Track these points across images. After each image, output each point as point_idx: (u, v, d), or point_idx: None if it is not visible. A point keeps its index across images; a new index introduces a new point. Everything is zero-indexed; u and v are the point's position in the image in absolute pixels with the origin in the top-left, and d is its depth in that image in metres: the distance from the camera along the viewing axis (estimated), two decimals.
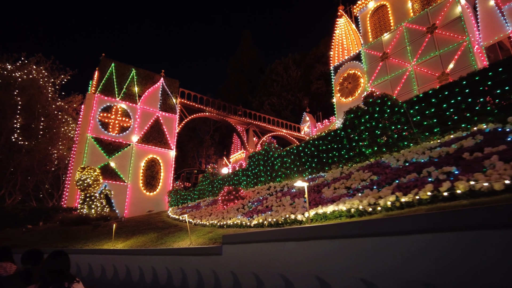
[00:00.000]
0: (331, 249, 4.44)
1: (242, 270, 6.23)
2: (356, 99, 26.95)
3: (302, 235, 4.95)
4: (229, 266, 6.60)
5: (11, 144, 22.30)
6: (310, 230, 4.94)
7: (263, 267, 5.69)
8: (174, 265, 8.46)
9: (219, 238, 9.06)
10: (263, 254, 5.77)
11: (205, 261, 7.39)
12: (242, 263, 6.29)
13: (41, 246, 14.77)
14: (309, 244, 4.81)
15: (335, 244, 4.40)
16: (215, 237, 9.39)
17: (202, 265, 7.48)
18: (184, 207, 19.39)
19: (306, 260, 4.85)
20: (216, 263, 7.00)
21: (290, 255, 5.15)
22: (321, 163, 13.34)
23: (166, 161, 29.49)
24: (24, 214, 20.74)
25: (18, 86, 22.42)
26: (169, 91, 31.46)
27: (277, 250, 5.46)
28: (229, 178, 19.21)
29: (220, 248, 6.92)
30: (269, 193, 13.14)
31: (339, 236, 4.42)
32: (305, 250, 4.88)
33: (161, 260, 9.00)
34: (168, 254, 8.87)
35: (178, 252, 8.52)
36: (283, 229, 5.54)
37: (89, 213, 19.39)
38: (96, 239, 14.48)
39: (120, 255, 10.67)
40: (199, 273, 7.49)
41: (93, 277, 11.37)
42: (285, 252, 5.24)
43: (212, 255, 7.17)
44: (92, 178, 19.66)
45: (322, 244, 4.59)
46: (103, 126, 26.71)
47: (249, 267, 6.05)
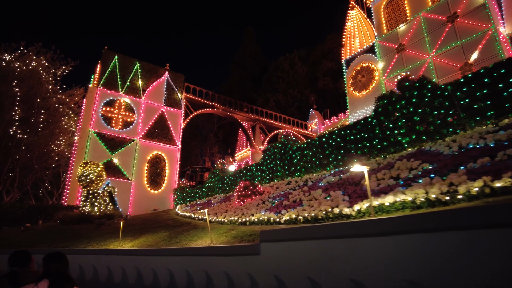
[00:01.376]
0: (438, 246, 3.26)
1: (291, 274, 5.04)
2: (370, 93, 25.78)
3: (386, 228, 3.76)
4: (271, 269, 5.42)
5: (9, 138, 21.05)
6: (403, 220, 3.75)
7: (323, 270, 4.51)
8: (196, 267, 7.27)
9: (246, 236, 7.89)
10: (322, 253, 4.58)
11: (236, 262, 6.20)
12: (290, 265, 5.10)
13: (40, 246, 13.59)
14: (400, 240, 3.62)
15: (445, 239, 3.21)
16: (240, 235, 8.21)
17: (232, 267, 6.29)
18: (193, 205, 18.19)
19: (396, 262, 3.66)
20: (252, 265, 5.81)
21: (366, 254, 3.96)
22: (349, 155, 12.14)
23: (171, 158, 28.28)
24: (22, 212, 19.50)
25: (17, 77, 21.17)
26: (174, 86, 30.27)
27: (344, 249, 4.28)
28: (241, 173, 18.02)
29: (257, 247, 5.73)
30: (291, 187, 11.96)
31: (448, 228, 3.23)
32: (393, 248, 3.69)
33: (179, 261, 7.81)
34: (188, 254, 7.67)
35: (200, 252, 7.33)
36: (354, 222, 4.35)
37: (92, 211, 18.18)
38: (100, 239, 13.28)
39: (130, 255, 9.47)
40: (229, 276, 6.29)
41: (98, 280, 10.16)
42: (359, 251, 4.05)
43: (246, 255, 5.98)
44: (95, 173, 18.45)
45: (421, 239, 3.41)
46: (105, 120, 25.51)
47: (301, 270, 4.86)
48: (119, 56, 27.92)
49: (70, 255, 10.29)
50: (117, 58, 27.74)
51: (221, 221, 11.18)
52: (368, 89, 26.15)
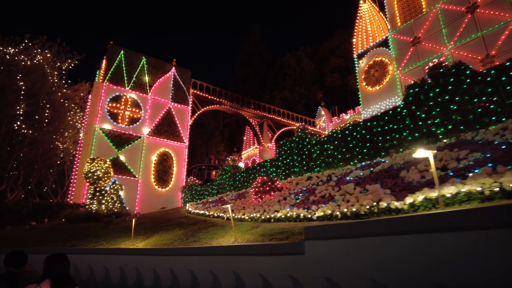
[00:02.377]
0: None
1: (348, 276, 4.28)
2: (384, 88, 25.01)
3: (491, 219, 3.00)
4: (320, 270, 4.66)
5: (13, 133, 20.37)
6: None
7: (393, 271, 3.75)
8: (223, 267, 6.53)
9: (276, 234, 7.14)
10: (391, 252, 3.81)
11: (274, 262, 5.45)
12: (346, 266, 4.36)
13: (46, 245, 12.91)
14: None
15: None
16: (268, 233, 7.46)
17: (268, 267, 5.53)
18: (204, 202, 17.45)
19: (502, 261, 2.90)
20: (295, 266, 5.06)
21: (459, 252, 3.20)
22: (376, 148, 11.37)
23: (179, 155, 27.57)
24: (27, 210, 18.83)
25: (21, 71, 20.50)
26: (181, 81, 29.56)
27: (423, 246, 3.52)
28: (255, 170, 17.26)
29: (301, 245, 4.97)
30: (313, 183, 11.19)
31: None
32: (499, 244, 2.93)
33: (203, 261, 7.07)
34: (213, 254, 6.93)
35: (228, 251, 6.58)
36: (439, 213, 3.56)
37: (99, 209, 17.48)
38: (109, 238, 12.57)
39: (145, 255, 8.73)
40: (264, 278, 5.54)
41: (110, 282, 9.44)
42: (447, 248, 3.29)
43: (286, 255, 5.23)
44: (103, 170, 17.75)
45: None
46: (112, 116, 24.82)
47: (362, 272, 4.10)
48: (125, 51, 27.23)
49: (79, 255, 9.56)
50: (123, 53, 27.06)
51: (240, 218, 10.44)
52: (381, 83, 25.35)
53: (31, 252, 12.56)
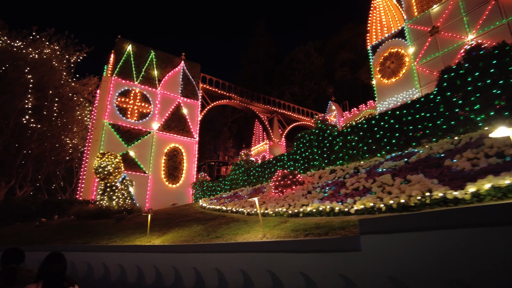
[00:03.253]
0: None
1: (422, 275, 3.60)
2: (400, 80, 24.14)
3: None
4: (381, 269, 3.98)
5: (22, 128, 19.91)
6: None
7: (484, 269, 3.06)
8: (255, 266, 5.89)
9: (311, 229, 6.47)
10: (484, 246, 3.13)
11: (320, 260, 4.78)
12: (416, 264, 3.67)
13: (56, 242, 12.40)
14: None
15: None
16: (301, 228, 6.80)
17: (313, 266, 4.87)
18: (218, 198, 16.83)
19: None
20: (347, 264, 4.39)
21: None
22: (406, 138, 10.63)
23: (189, 151, 26.99)
24: (36, 207, 18.37)
25: (28, 64, 20.00)
26: (190, 76, 28.94)
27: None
28: (270, 164, 16.60)
29: (356, 241, 4.29)
30: (340, 176, 10.50)
31: None
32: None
33: (231, 259, 6.43)
34: (243, 250, 6.29)
35: (261, 248, 5.93)
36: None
37: (110, 205, 16.95)
38: (122, 234, 12.00)
39: (164, 252, 8.11)
40: (308, 278, 4.88)
41: (126, 281, 8.85)
42: None
43: (337, 252, 4.55)
44: (113, 165, 17.20)
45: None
46: (121, 111, 24.29)
47: (442, 270, 3.41)
48: (133, 45, 26.65)
49: (92, 252, 8.92)
50: (131, 46, 26.47)
51: (263, 213, 9.77)
52: (398, 76, 24.48)
53: (41, 249, 12.05)
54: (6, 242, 13.67)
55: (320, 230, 6.21)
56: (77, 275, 10.17)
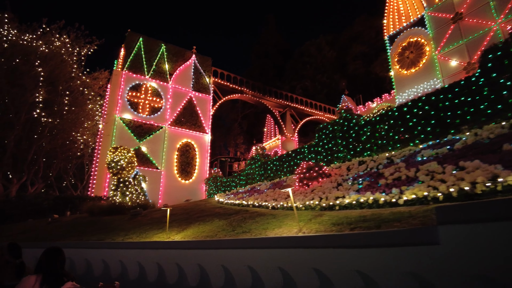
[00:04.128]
0: None
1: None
2: (420, 70, 23.19)
3: None
4: (468, 267, 3.25)
5: (33, 122, 19.49)
6: None
7: None
8: (297, 263, 5.19)
9: (357, 222, 5.76)
10: None
11: (381, 256, 4.06)
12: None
13: (70, 238, 11.88)
14: None
15: None
16: (344, 221, 6.08)
17: (373, 263, 4.14)
18: (235, 193, 16.16)
19: None
20: (421, 260, 3.65)
21: None
22: (443, 125, 9.81)
23: (201, 146, 26.41)
24: (48, 203, 17.95)
25: (39, 57, 19.56)
26: (201, 70, 28.30)
27: None
28: (289, 157, 15.88)
29: (433, 232, 3.56)
30: (372, 166, 9.74)
31: None
32: None
33: (266, 255, 5.76)
34: (280, 246, 5.60)
35: (303, 243, 5.23)
36: None
37: (123, 201, 16.41)
38: (139, 230, 11.40)
39: (188, 249, 7.47)
40: (367, 278, 4.15)
41: (146, 280, 8.23)
42: None
43: (406, 246, 3.82)
44: (126, 159, 16.65)
45: None
46: (132, 106, 23.77)
47: None
48: (144, 38, 26.10)
49: (108, 249, 8.31)
50: (141, 40, 25.93)
51: (290, 206, 9.08)
52: (417, 66, 23.52)
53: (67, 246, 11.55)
54: (19, 238, 13.24)
55: (369, 223, 5.48)
56: (92, 273, 9.62)
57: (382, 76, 41.76)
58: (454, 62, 20.94)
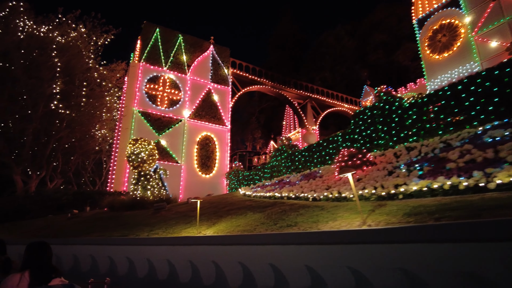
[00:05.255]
0: None
1: None
2: (455, 54, 21.65)
3: None
4: None
5: (51, 115, 18.97)
6: None
7: None
8: (374, 261, 4.14)
9: (438, 211, 4.73)
10: None
11: None
12: None
13: (91, 235, 11.10)
14: None
15: None
16: (420, 211, 5.02)
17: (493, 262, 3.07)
18: (262, 186, 15.18)
19: None
20: None
21: None
22: (509, 103, 8.55)
23: (221, 140, 25.53)
24: (67, 199, 17.39)
25: (55, 47, 18.98)
26: (219, 60, 27.38)
27: None
28: (321, 147, 14.77)
29: None
30: (427, 151, 8.58)
31: None
32: None
33: (328, 252, 4.74)
34: (350, 241, 4.57)
35: (389, 237, 4.16)
36: None
37: (145, 195, 15.66)
38: (165, 225, 10.56)
39: (225, 245, 6.52)
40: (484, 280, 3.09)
41: (177, 280, 7.34)
42: None
43: None
44: (147, 152, 15.88)
45: None
46: (150, 99, 23.05)
47: None
48: (160, 29, 25.32)
49: (133, 246, 7.25)
50: (158, 31, 25.16)
51: (337, 197, 8.03)
52: (451, 49, 21.97)
53: (77, 243, 10.82)
54: (39, 234, 12.64)
55: (460, 212, 4.40)
56: (116, 272, 8.80)
57: (405, 65, 40.02)
58: (494, 43, 19.36)
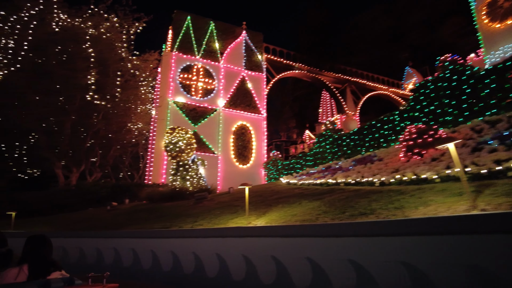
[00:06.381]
0: None
1: None
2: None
3: None
4: None
5: (88, 107, 18.87)
6: None
7: None
8: None
9: None
10: None
11: None
12: None
13: (131, 227, 10.54)
14: None
15: None
16: None
17: None
18: (307, 174, 14.00)
19: None
20: None
21: None
22: None
23: (257, 128, 24.55)
24: (106, 191, 17.21)
25: (89, 38, 18.79)
26: (253, 46, 26.27)
27: None
28: (374, 129, 13.31)
29: None
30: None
31: None
32: None
33: (447, 245, 3.52)
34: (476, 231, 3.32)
35: None
36: None
37: (184, 186, 15.00)
38: (209, 216, 9.72)
39: (288, 237, 5.45)
40: None
41: (230, 278, 6.41)
42: None
43: None
44: (185, 141, 15.21)
45: None
46: (184, 89, 22.44)
47: None
48: (192, 17, 24.55)
49: (176, 238, 6.16)
50: (189, 18, 24.41)
51: (413, 180, 6.73)
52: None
53: (116, 236, 10.24)
54: (80, 227, 12.32)
55: None
56: (160, 268, 8.03)
57: (450, 42, 36.84)
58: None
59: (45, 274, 2.80)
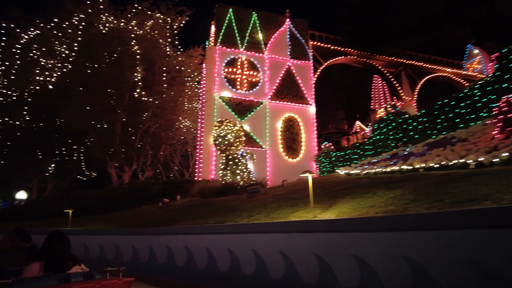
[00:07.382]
0: None
1: None
2: None
3: None
4: None
5: (136, 105, 19.04)
6: None
7: None
8: None
9: None
10: None
11: None
12: None
13: (184, 223, 10.04)
14: None
15: None
16: None
17: None
18: (368, 164, 12.63)
19: None
20: None
21: None
22: None
23: (306, 120, 23.32)
24: (157, 188, 17.17)
25: (134, 37, 18.96)
26: (297, 34, 25.07)
27: None
28: (446, 108, 11.62)
29: None
30: None
31: None
32: None
33: None
34: None
35: None
36: None
37: (234, 180, 14.36)
38: (265, 210, 8.90)
39: (375, 231, 4.38)
40: None
41: (299, 280, 5.45)
42: None
43: None
44: (233, 134, 14.60)
45: None
46: (229, 83, 21.92)
47: None
48: (233, 9, 23.94)
49: (235, 234, 5.54)
50: (231, 11, 23.84)
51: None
52: None
53: (169, 232, 9.75)
54: (133, 224, 12.16)
55: None
56: (216, 268, 7.30)
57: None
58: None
59: (64, 269, 2.82)
